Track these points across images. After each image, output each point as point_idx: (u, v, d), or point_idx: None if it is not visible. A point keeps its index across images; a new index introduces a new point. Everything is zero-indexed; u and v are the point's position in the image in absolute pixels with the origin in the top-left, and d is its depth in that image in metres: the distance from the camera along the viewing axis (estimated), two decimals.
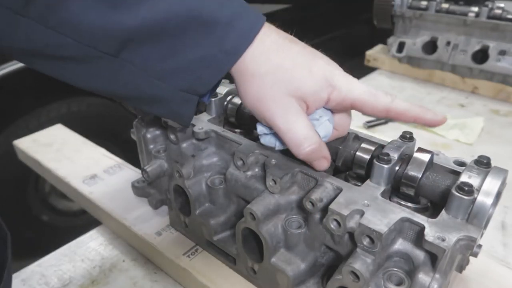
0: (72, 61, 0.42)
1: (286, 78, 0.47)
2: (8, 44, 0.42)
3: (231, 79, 0.51)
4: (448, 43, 1.47)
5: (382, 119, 1.28)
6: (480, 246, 0.55)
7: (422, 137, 1.18)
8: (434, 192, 0.51)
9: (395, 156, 0.52)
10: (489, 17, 1.39)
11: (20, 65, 1.48)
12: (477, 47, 1.42)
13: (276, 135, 0.51)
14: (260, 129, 0.53)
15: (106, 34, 0.40)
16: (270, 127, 0.51)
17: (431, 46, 1.53)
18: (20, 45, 0.42)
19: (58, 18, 0.39)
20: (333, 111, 0.53)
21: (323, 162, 0.51)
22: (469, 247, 0.45)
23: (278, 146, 0.53)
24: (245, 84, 0.47)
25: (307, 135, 0.48)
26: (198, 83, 0.46)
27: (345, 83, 0.49)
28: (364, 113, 0.50)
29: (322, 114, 0.51)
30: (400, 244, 0.48)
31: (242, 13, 0.45)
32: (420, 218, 0.46)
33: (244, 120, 0.68)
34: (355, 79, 0.50)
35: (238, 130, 0.69)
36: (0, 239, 0.50)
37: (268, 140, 0.53)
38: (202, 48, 0.43)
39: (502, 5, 1.39)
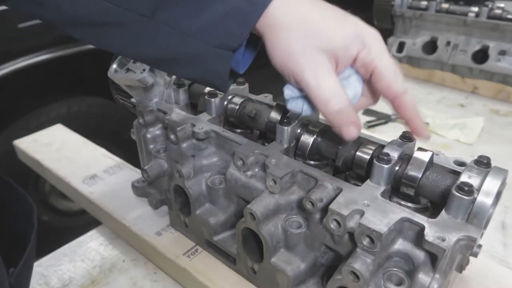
0: (115, 27, 0.45)
1: (316, 31, 0.45)
2: (56, 14, 0.46)
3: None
4: (448, 43, 1.47)
5: (382, 118, 1.28)
6: (480, 246, 0.55)
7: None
8: (434, 192, 0.51)
9: (395, 156, 0.52)
10: (489, 17, 1.39)
11: (20, 65, 1.48)
12: (477, 47, 1.42)
13: (304, 98, 0.50)
14: (287, 92, 0.50)
15: None
16: (298, 89, 0.49)
17: (431, 46, 1.53)
18: (67, 15, 0.45)
19: None
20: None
21: (352, 129, 0.48)
22: (469, 247, 0.45)
23: (305, 109, 0.50)
24: (273, 38, 0.46)
25: (336, 92, 0.46)
26: (229, 37, 0.45)
27: (377, 46, 0.47)
28: (377, 86, 0.49)
29: (351, 73, 0.49)
30: (400, 244, 0.48)
31: None
32: (420, 218, 0.46)
33: (244, 120, 0.68)
34: (384, 46, 0.48)
35: (238, 130, 0.69)
36: (27, 209, 0.57)
37: (295, 104, 0.51)
38: (228, 2, 0.44)
39: (502, 5, 1.39)
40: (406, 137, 0.56)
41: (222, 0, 0.44)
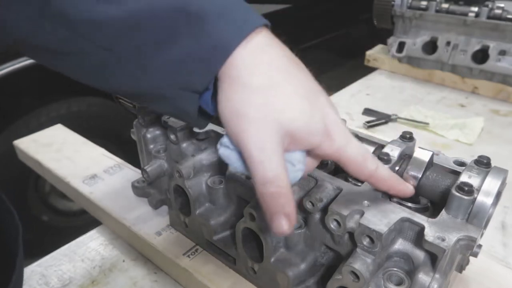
0: (73, 56, 0.42)
1: (280, 105, 0.40)
2: (18, 38, 0.41)
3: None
4: (448, 43, 1.47)
5: (382, 119, 1.28)
6: (480, 246, 0.55)
7: (422, 137, 1.18)
8: (434, 192, 0.51)
9: (395, 156, 0.52)
10: (489, 17, 1.39)
11: (20, 65, 1.48)
12: (477, 47, 1.42)
13: (239, 154, 0.43)
14: (225, 140, 0.43)
15: (96, 26, 0.38)
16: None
17: (431, 46, 1.53)
18: (26, 38, 0.41)
19: (51, 7, 0.38)
20: (314, 156, 0.46)
21: (283, 222, 0.40)
22: (469, 247, 0.45)
23: (237, 166, 0.43)
24: (229, 90, 0.40)
25: (278, 175, 0.40)
26: (192, 81, 0.41)
27: (342, 137, 0.43)
28: (347, 171, 0.46)
29: (299, 160, 0.43)
30: (400, 244, 0.48)
31: (238, 6, 0.41)
32: (420, 218, 0.46)
33: None
34: (351, 136, 0.44)
35: None
36: (13, 229, 0.50)
37: (228, 154, 0.43)
38: (191, 42, 0.39)
39: (502, 5, 1.39)
40: (406, 137, 0.56)
41: (185, 39, 0.39)
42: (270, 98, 0.40)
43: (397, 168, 0.53)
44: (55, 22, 0.38)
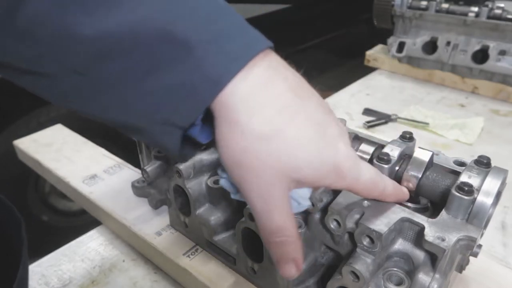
0: (40, 76, 0.36)
1: (286, 152, 0.36)
2: None
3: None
4: (448, 43, 1.47)
5: (382, 119, 1.28)
6: (480, 246, 0.55)
7: (422, 137, 1.18)
8: (434, 192, 0.51)
9: (395, 156, 0.52)
10: (489, 17, 1.39)
11: None
12: (477, 47, 1.42)
13: None
14: (222, 172, 0.41)
15: (68, 47, 0.34)
16: None
17: (431, 46, 1.53)
18: None
19: (18, 25, 0.33)
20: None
21: (290, 268, 0.40)
22: (469, 247, 0.45)
23: (241, 198, 0.40)
24: (227, 136, 0.36)
25: (285, 226, 0.38)
26: (176, 116, 0.35)
27: (353, 172, 0.40)
28: (357, 195, 0.46)
29: (305, 197, 0.43)
30: (400, 244, 0.48)
31: (235, 29, 0.35)
32: (420, 218, 0.46)
33: None
34: (360, 160, 0.42)
35: None
36: (14, 223, 0.48)
37: (229, 186, 0.42)
38: (176, 73, 0.34)
39: (502, 5, 1.39)
40: (406, 137, 0.56)
41: (170, 68, 0.34)
42: (273, 146, 0.35)
43: (397, 168, 0.53)
44: (20, 40, 0.34)
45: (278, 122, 0.35)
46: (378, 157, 0.51)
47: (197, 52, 0.33)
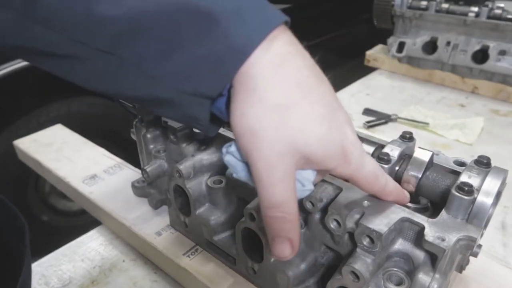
0: (69, 60, 0.38)
1: (299, 126, 0.37)
2: (9, 43, 0.39)
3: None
4: (448, 43, 1.47)
5: (382, 119, 1.28)
6: (480, 246, 0.55)
7: (422, 137, 1.18)
8: (434, 192, 0.51)
9: (395, 156, 0.52)
10: (489, 17, 1.39)
11: (20, 65, 1.49)
12: (477, 47, 1.42)
13: (246, 165, 0.41)
14: (233, 149, 0.41)
15: (92, 27, 0.35)
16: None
17: (431, 46, 1.53)
18: (17, 42, 0.38)
19: (41, 10, 0.35)
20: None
21: (285, 247, 0.40)
22: (469, 247, 0.45)
23: (242, 176, 0.41)
24: (244, 103, 0.37)
25: (286, 201, 0.38)
26: (205, 86, 0.37)
27: (357, 159, 0.40)
28: (358, 187, 0.46)
29: (310, 179, 0.42)
30: (400, 244, 0.48)
31: (253, 3, 0.37)
32: (420, 218, 0.46)
33: None
34: (365, 153, 0.42)
35: None
36: (17, 229, 0.49)
37: (234, 162, 0.41)
38: (203, 45, 0.35)
39: (502, 5, 1.39)
40: (406, 137, 0.56)
41: (195, 42, 0.35)
42: (287, 118, 0.36)
43: (397, 168, 0.53)
44: (44, 25, 0.35)
45: (294, 95, 0.37)
46: (378, 157, 0.51)
47: (221, 24, 0.35)
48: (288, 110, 0.36)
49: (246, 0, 0.37)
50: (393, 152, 0.53)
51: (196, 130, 0.68)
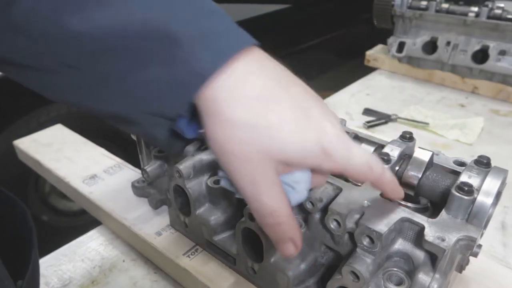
0: (38, 71, 0.38)
1: (268, 136, 0.37)
2: None
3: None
4: (448, 43, 1.47)
5: (382, 119, 1.28)
6: (480, 246, 0.55)
7: (422, 137, 1.18)
8: (434, 192, 0.51)
9: (395, 156, 0.52)
10: (489, 17, 1.39)
11: None
12: (477, 47, 1.42)
13: None
14: (223, 173, 0.42)
15: (60, 41, 0.35)
16: None
17: (431, 46, 1.53)
18: None
19: (13, 19, 0.35)
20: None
21: (288, 247, 0.41)
22: (469, 247, 0.45)
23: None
24: (212, 126, 0.38)
25: (276, 207, 0.39)
26: (165, 108, 0.38)
27: (343, 151, 0.40)
28: (353, 180, 0.45)
29: (299, 180, 0.42)
30: (400, 244, 0.48)
31: (221, 28, 0.38)
32: (420, 218, 0.46)
33: None
34: (352, 143, 0.42)
35: None
36: (20, 213, 0.52)
37: (230, 185, 0.42)
38: (166, 67, 0.36)
39: (502, 5, 1.39)
40: (406, 137, 0.56)
41: (157, 63, 0.36)
42: (254, 131, 0.37)
43: (397, 168, 0.53)
44: (17, 34, 0.35)
45: (258, 109, 0.37)
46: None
47: (184, 48, 0.35)
48: (254, 125, 0.37)
49: (214, 25, 0.37)
50: (393, 152, 0.53)
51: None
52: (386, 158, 0.51)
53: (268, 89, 0.38)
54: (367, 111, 1.34)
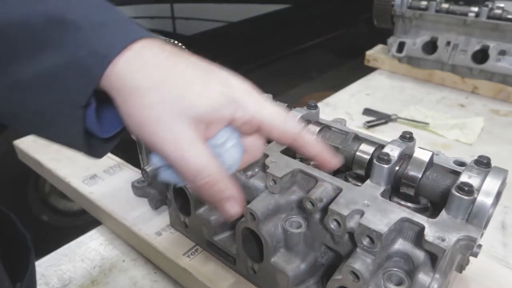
0: None
1: (173, 95, 0.38)
2: None
3: None
4: (448, 43, 1.47)
5: (382, 119, 1.28)
6: (480, 246, 0.55)
7: (422, 137, 1.18)
8: (434, 192, 0.51)
9: (395, 156, 0.52)
10: (489, 17, 1.39)
11: None
12: (477, 47, 1.42)
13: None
14: (155, 160, 0.41)
15: None
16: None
17: (431, 46, 1.53)
18: None
19: None
20: (242, 133, 0.43)
21: (231, 205, 0.40)
22: (469, 247, 0.45)
23: (179, 181, 0.41)
24: (125, 104, 0.38)
25: (204, 163, 0.38)
26: (72, 93, 0.37)
27: (252, 101, 0.41)
28: (271, 137, 0.44)
29: (228, 137, 0.42)
30: (400, 244, 0.48)
31: (119, 18, 0.39)
32: (420, 218, 0.46)
33: None
34: (262, 97, 0.43)
35: None
36: (22, 241, 0.52)
37: (167, 174, 0.41)
38: (67, 50, 0.36)
39: (502, 5, 1.39)
40: (406, 137, 0.56)
41: (59, 47, 0.36)
42: (162, 94, 0.38)
43: (397, 168, 0.53)
44: None
45: (162, 71, 0.38)
46: (378, 157, 0.52)
47: (87, 33, 0.36)
48: (158, 88, 0.38)
49: (114, 17, 0.39)
50: (393, 152, 0.53)
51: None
52: (386, 158, 0.51)
53: (169, 58, 0.39)
54: (367, 111, 1.34)
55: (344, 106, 1.39)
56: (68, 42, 0.36)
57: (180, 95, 0.38)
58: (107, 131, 0.42)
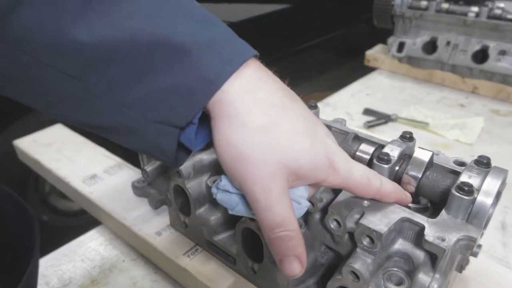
0: (36, 83, 0.37)
1: (282, 144, 0.37)
2: None
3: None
4: (448, 43, 1.47)
5: (382, 118, 1.28)
6: (480, 246, 0.55)
7: (422, 137, 1.18)
8: (434, 192, 0.51)
9: (395, 156, 0.52)
10: (489, 17, 1.39)
11: None
12: (477, 47, 1.42)
13: (241, 197, 0.41)
14: (224, 182, 0.41)
15: (64, 52, 0.34)
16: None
17: (431, 46, 1.53)
18: None
19: (12, 29, 0.34)
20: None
21: (295, 265, 0.40)
22: (469, 247, 0.45)
23: (239, 210, 0.41)
24: (227, 131, 0.37)
25: (286, 219, 0.38)
26: (173, 115, 0.37)
27: (345, 166, 0.41)
28: (353, 194, 0.46)
29: (304, 195, 0.42)
30: (400, 244, 0.48)
31: (226, 37, 0.38)
32: (420, 218, 0.46)
33: None
34: (352, 160, 0.43)
35: None
36: (28, 221, 0.51)
37: (228, 198, 0.41)
38: (174, 74, 0.36)
39: (502, 5, 1.39)
40: (406, 137, 0.56)
41: (166, 72, 0.36)
42: (271, 138, 0.37)
43: (397, 168, 0.53)
44: (14, 46, 0.34)
45: (274, 116, 0.38)
46: (378, 157, 0.51)
47: (193, 54, 0.35)
48: (270, 130, 0.37)
49: (220, 34, 0.38)
50: (393, 152, 0.53)
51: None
52: (386, 158, 0.51)
53: (279, 97, 0.39)
54: (367, 111, 1.34)
55: (344, 106, 1.39)
56: (175, 67, 0.36)
57: (288, 145, 0.38)
58: (199, 145, 0.42)
